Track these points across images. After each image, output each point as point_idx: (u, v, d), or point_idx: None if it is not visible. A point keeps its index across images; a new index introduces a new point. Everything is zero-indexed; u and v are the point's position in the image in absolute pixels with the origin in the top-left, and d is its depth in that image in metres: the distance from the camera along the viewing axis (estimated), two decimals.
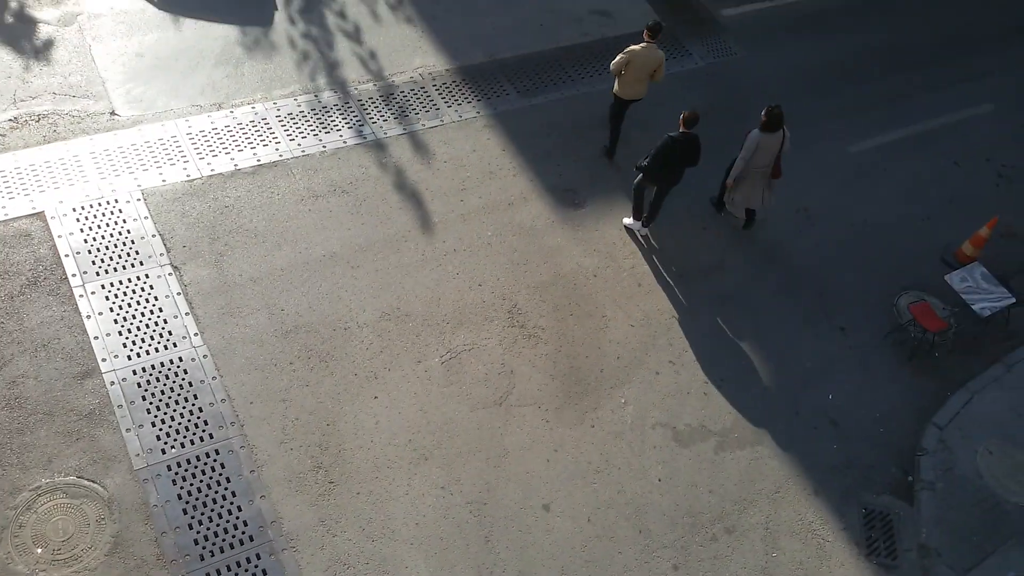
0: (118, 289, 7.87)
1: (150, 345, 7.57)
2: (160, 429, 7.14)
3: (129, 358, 7.45)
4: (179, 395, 7.33)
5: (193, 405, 7.31)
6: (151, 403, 7.24)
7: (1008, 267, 9.67)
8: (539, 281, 8.82)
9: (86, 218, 8.30)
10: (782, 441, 8.20)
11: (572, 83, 10.68)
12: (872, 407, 8.57)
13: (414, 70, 10.41)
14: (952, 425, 8.29)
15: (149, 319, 7.72)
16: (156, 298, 7.87)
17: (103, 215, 8.36)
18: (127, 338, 7.58)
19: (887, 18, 12.68)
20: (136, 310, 7.76)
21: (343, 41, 10.52)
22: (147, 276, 7.99)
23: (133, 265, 8.05)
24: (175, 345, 7.61)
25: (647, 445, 7.94)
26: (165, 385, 7.35)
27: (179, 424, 7.18)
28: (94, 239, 8.16)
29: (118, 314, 7.71)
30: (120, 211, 8.41)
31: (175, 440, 7.10)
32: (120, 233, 8.25)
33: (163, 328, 7.69)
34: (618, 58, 9.23)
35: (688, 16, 11.81)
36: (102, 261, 8.03)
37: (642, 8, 11.57)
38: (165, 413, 7.22)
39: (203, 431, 7.20)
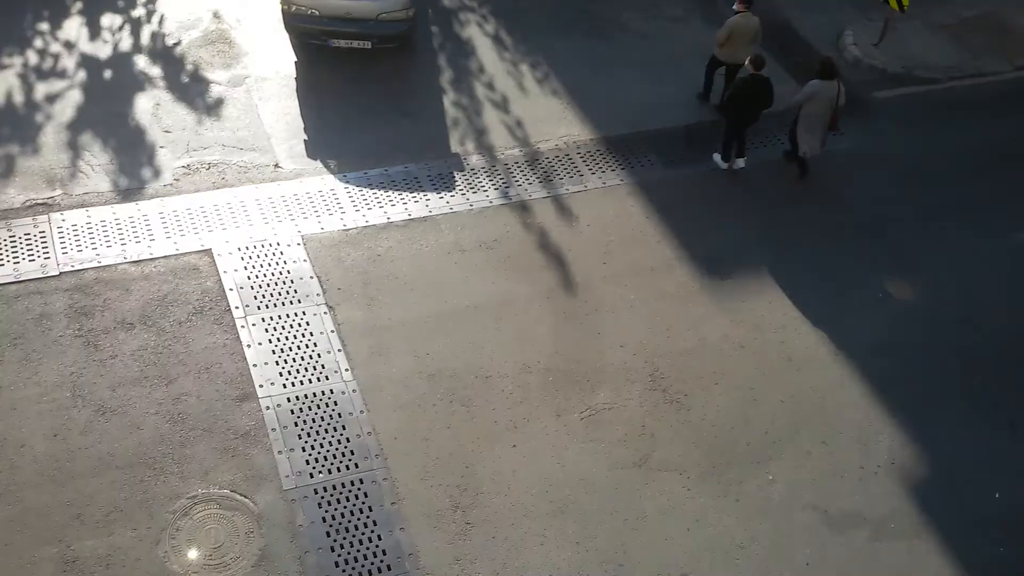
0: (276, 323, 9.14)
1: (304, 376, 8.71)
2: (309, 454, 8.15)
3: (284, 386, 8.60)
4: (329, 424, 8.38)
5: (341, 435, 8.33)
6: (302, 429, 8.30)
7: None
8: (683, 348, 9.55)
9: (249, 257, 9.73)
10: (943, 538, 8.40)
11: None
12: None
13: (559, 138, 11.71)
14: None
15: (304, 352, 8.91)
16: (311, 333, 9.08)
17: (265, 256, 9.77)
18: (283, 368, 8.76)
19: None
20: (292, 343, 8.98)
21: (491, 110, 11.99)
22: (304, 313, 9.25)
23: (291, 303, 9.35)
24: (327, 378, 8.71)
25: (795, 526, 8.32)
26: (316, 414, 8.43)
27: (327, 451, 8.19)
28: (256, 276, 9.54)
29: (275, 345, 8.93)
30: (281, 253, 9.81)
31: (323, 466, 8.09)
32: (280, 273, 9.61)
33: (317, 361, 8.84)
34: (722, 30, 11.62)
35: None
36: (263, 297, 9.35)
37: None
38: (315, 440, 8.25)
39: (349, 460, 8.17)
